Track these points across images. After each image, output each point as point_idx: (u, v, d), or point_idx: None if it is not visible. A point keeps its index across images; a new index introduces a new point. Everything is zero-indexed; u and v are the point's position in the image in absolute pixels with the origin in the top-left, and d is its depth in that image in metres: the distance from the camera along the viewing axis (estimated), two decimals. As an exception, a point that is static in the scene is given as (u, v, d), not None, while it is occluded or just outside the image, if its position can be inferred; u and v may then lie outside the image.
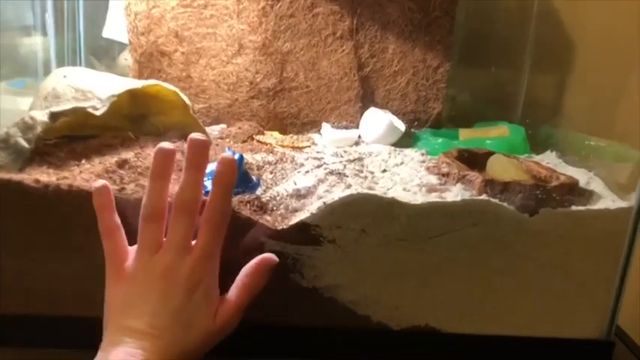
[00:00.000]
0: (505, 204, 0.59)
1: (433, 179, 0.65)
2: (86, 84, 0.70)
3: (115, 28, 0.86)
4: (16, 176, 0.56)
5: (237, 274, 0.57)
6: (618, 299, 0.63)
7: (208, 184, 0.61)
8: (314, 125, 0.88)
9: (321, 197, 0.61)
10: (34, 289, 0.59)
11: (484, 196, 0.59)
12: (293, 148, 0.80)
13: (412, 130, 0.88)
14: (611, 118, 0.77)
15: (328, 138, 0.84)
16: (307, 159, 0.76)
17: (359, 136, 0.86)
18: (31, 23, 0.89)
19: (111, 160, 0.65)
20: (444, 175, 0.65)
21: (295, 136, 0.86)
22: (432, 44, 0.84)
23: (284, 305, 0.61)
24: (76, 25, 0.93)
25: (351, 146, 0.84)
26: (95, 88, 0.69)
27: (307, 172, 0.70)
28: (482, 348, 0.63)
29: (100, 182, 0.55)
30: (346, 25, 0.83)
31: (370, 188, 0.63)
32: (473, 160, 0.70)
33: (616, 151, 0.73)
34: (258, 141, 0.81)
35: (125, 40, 0.84)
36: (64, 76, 0.71)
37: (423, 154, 0.77)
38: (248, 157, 0.73)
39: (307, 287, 0.60)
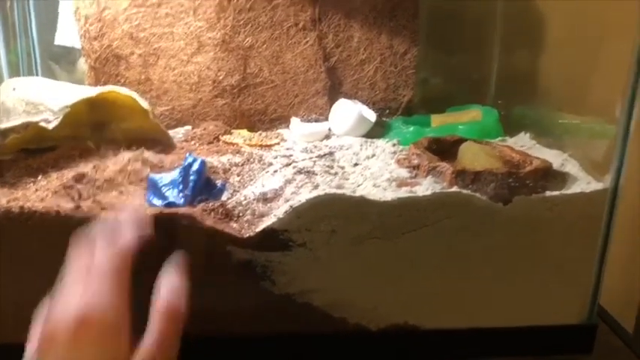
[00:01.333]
0: (477, 194, 0.57)
1: (404, 172, 0.63)
2: (37, 96, 0.67)
3: (67, 33, 0.83)
4: (-36, 201, 0.54)
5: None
6: (598, 283, 0.61)
7: (169, 193, 0.59)
8: (283, 120, 0.85)
9: (288, 200, 0.58)
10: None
11: (455, 188, 0.57)
12: (261, 146, 0.77)
13: (383, 119, 0.86)
14: (585, 94, 0.75)
15: (298, 133, 0.82)
16: (276, 157, 0.73)
17: (329, 129, 0.83)
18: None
19: (68, 174, 0.62)
20: (414, 167, 0.63)
21: (264, 134, 0.83)
22: (397, 30, 0.82)
23: (256, 315, 0.59)
24: (28, 31, 0.89)
25: (322, 140, 0.81)
26: (47, 100, 0.66)
27: (275, 171, 0.68)
28: (466, 342, 0.62)
29: None
30: (308, 16, 0.81)
31: (340, 186, 0.61)
32: (444, 148, 0.68)
33: (591, 127, 0.71)
34: (225, 142, 0.78)
35: (78, 46, 0.81)
36: (14, 89, 0.68)
37: (394, 145, 0.75)
38: (214, 160, 0.71)
39: (279, 294, 0.58)
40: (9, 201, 0.54)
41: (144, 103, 0.73)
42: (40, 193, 0.58)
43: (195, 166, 0.60)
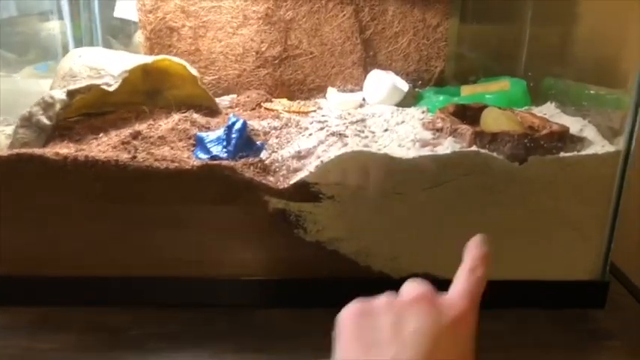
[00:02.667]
0: (494, 154, 0.61)
1: (428, 135, 0.68)
2: (99, 62, 0.75)
3: (126, 7, 0.90)
4: (38, 150, 0.62)
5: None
6: (611, 241, 0.65)
7: (214, 149, 0.66)
8: (320, 90, 0.91)
9: (319, 157, 0.64)
10: (54, 251, 0.64)
11: (474, 147, 0.62)
12: (299, 113, 0.83)
13: (416, 89, 0.90)
14: (613, 67, 0.77)
15: (334, 102, 0.87)
16: (312, 123, 0.79)
17: (363, 99, 0.88)
18: (48, 8, 0.94)
19: (125, 132, 0.70)
20: (438, 130, 0.68)
21: (302, 102, 0.89)
22: (430, 3, 0.86)
23: (291, 259, 0.65)
24: (91, 7, 0.98)
25: (356, 109, 0.87)
26: (108, 66, 0.74)
27: (310, 134, 0.73)
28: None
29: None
30: (345, -10, 0.86)
31: (367, 146, 0.66)
32: (469, 114, 0.72)
33: (613, 98, 0.74)
34: (266, 108, 0.85)
35: (135, 19, 0.88)
36: (79, 56, 0.76)
37: (423, 112, 0.80)
38: (254, 123, 0.77)
39: (311, 241, 0.64)
40: (77, 150, 0.62)
41: (193, 71, 0.80)
42: (102, 148, 0.66)
43: (238, 125, 0.67)
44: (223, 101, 0.88)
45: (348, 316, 0.41)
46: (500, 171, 0.61)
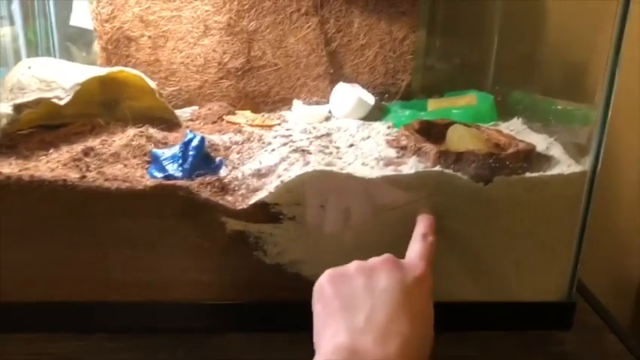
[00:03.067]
0: (459, 174, 0.60)
1: (392, 152, 0.66)
2: (50, 74, 0.71)
3: (82, 15, 0.87)
4: (-22, 169, 0.58)
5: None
6: (577, 261, 0.64)
7: (169, 167, 0.63)
8: (285, 103, 0.89)
9: (280, 176, 0.62)
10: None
11: (438, 167, 0.60)
12: (262, 126, 0.81)
13: (383, 102, 0.89)
14: (580, 81, 0.77)
15: (299, 115, 0.85)
16: (275, 137, 0.77)
17: (329, 112, 0.86)
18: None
19: (77, 148, 0.66)
20: (402, 147, 0.66)
21: (266, 115, 0.87)
22: (397, 16, 0.84)
23: (249, 282, 0.62)
24: (46, 13, 0.93)
25: (322, 122, 0.85)
26: (59, 78, 0.70)
27: (273, 150, 0.71)
28: (447, 315, 0.65)
29: None
30: (310, 1, 0.83)
31: (330, 164, 0.64)
32: (434, 131, 0.71)
33: (584, 114, 0.73)
34: (228, 121, 0.82)
35: (92, 28, 0.85)
36: (29, 67, 0.72)
37: (389, 127, 0.78)
38: (215, 137, 0.75)
39: (271, 264, 0.62)
40: (20, 170, 0.59)
41: (151, 83, 0.77)
42: (51, 165, 0.63)
43: (195, 142, 0.64)
44: (184, 113, 0.85)
45: (326, 280, 0.48)
46: (465, 192, 0.60)
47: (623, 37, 0.58)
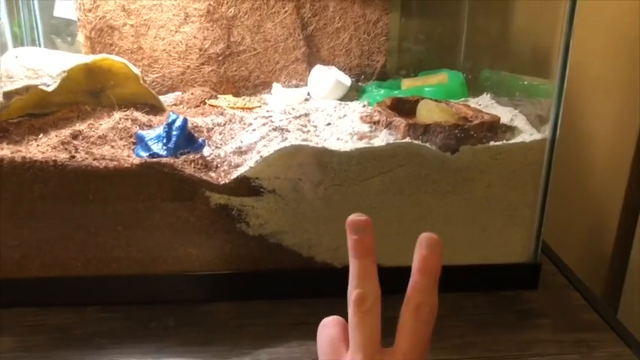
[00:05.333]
0: (427, 144, 0.64)
1: (365, 128, 0.70)
2: (37, 63, 0.74)
3: (65, 6, 0.89)
4: (-27, 153, 0.61)
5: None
6: (541, 224, 0.68)
7: (154, 147, 0.66)
8: (265, 86, 0.92)
9: (259, 152, 0.65)
10: None
11: (407, 139, 0.64)
12: (243, 109, 0.84)
13: (359, 83, 0.92)
14: (546, 58, 0.80)
15: (279, 97, 0.88)
16: (256, 118, 0.80)
17: (308, 94, 0.90)
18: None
19: (66, 132, 0.69)
20: (375, 123, 0.70)
21: (247, 98, 0.90)
22: (369, -1, 0.88)
23: (234, 253, 0.66)
24: (30, 5, 0.96)
25: (301, 103, 0.88)
26: (46, 66, 0.73)
27: (254, 130, 0.74)
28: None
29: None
30: (286, -14, 0.87)
31: (306, 140, 0.68)
32: (405, 107, 0.74)
33: (547, 88, 0.77)
34: (210, 105, 0.85)
35: (75, 18, 0.87)
36: (16, 57, 0.75)
37: (364, 106, 0.82)
38: (198, 120, 0.78)
39: (254, 235, 0.65)
40: (12, 152, 0.62)
41: (135, 69, 0.80)
42: (41, 148, 0.66)
43: (178, 123, 0.67)
44: (168, 99, 0.88)
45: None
46: (434, 161, 0.64)
47: (575, 16, 0.62)
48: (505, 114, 0.73)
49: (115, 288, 0.66)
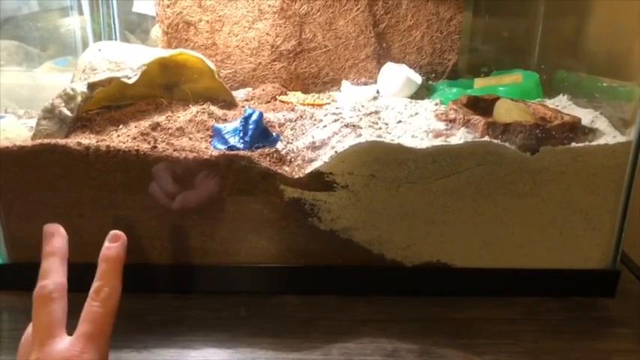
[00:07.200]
0: (506, 144, 0.62)
1: (441, 125, 0.69)
2: (119, 56, 0.76)
3: (144, 2, 0.92)
4: (61, 140, 0.64)
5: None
6: (622, 230, 0.66)
7: (231, 139, 0.67)
8: (334, 83, 0.92)
9: (333, 147, 0.66)
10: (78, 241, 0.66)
11: (486, 138, 0.63)
12: (313, 105, 0.85)
13: (429, 82, 0.91)
14: (625, 60, 0.78)
15: (348, 94, 0.89)
16: (326, 115, 0.80)
17: (377, 91, 0.90)
18: (67, 4, 0.96)
19: (145, 124, 0.71)
20: (450, 121, 0.69)
21: (316, 95, 0.91)
22: (443, -3, 0.87)
23: (305, 247, 0.66)
24: (109, 3, 1.00)
25: (370, 101, 0.88)
26: (127, 59, 0.76)
27: (325, 126, 0.75)
28: (492, 280, 0.68)
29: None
30: (359, -16, 0.87)
31: (380, 137, 0.68)
32: (481, 105, 0.73)
33: (629, 90, 0.74)
34: (281, 101, 0.86)
35: (153, 13, 0.90)
36: (99, 50, 0.78)
37: (436, 104, 0.81)
38: (270, 115, 0.79)
39: (325, 230, 0.66)
40: (98, 141, 0.64)
41: (211, 64, 0.82)
42: (122, 139, 0.68)
43: (254, 117, 0.68)
44: (239, 94, 0.90)
45: None
46: (512, 161, 0.62)
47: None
48: (585, 115, 0.71)
49: (189, 277, 0.68)
